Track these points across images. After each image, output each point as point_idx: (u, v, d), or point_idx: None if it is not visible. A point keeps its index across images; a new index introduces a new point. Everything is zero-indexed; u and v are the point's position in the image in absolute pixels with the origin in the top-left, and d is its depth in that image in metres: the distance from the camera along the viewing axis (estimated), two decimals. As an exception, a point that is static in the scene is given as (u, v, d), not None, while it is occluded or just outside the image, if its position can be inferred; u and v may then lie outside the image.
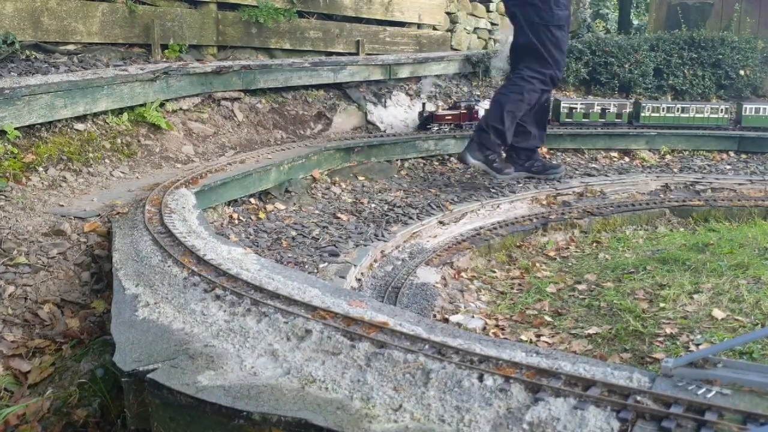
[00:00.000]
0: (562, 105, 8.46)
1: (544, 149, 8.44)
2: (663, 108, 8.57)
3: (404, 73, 9.16)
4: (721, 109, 8.69)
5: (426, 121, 8.03)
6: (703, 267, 4.87)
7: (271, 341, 2.35)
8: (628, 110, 8.54)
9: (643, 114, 8.44)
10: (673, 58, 10.14)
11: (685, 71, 10.17)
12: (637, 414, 1.80)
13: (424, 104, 8.34)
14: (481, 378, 2.02)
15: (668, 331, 3.97)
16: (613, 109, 8.44)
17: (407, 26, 10.11)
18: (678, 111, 8.58)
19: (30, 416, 2.59)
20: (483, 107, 8.12)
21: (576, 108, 8.36)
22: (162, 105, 6.41)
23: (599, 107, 8.45)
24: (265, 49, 8.34)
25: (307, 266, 4.62)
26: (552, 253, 5.96)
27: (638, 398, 1.86)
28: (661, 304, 4.35)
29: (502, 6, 11.61)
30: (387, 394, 1.99)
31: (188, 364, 2.20)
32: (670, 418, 1.77)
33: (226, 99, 7.21)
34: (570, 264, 5.68)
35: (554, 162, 7.16)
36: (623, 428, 1.76)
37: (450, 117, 8.03)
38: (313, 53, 8.72)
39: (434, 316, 4.48)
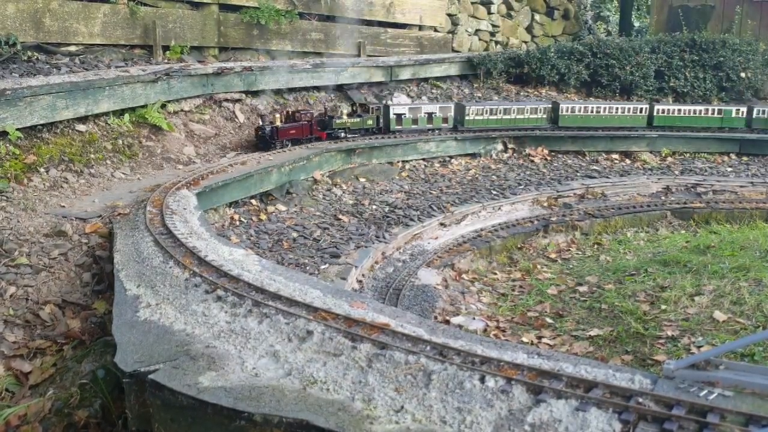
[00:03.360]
0: (391, 112, 7.98)
1: (545, 151, 8.46)
2: (486, 110, 8.51)
3: (405, 74, 9.16)
4: (540, 110, 8.76)
5: (270, 136, 6.61)
6: (704, 269, 4.87)
7: (272, 342, 2.36)
8: (452, 114, 8.38)
9: (467, 117, 8.33)
10: (675, 60, 10.15)
11: (687, 73, 10.17)
12: (639, 416, 1.80)
13: (262, 116, 7.12)
14: (482, 379, 2.02)
15: (669, 333, 3.97)
16: (439, 114, 8.26)
17: (408, 28, 10.11)
18: (501, 113, 8.57)
19: (31, 417, 2.59)
20: (317, 119, 7.28)
21: (404, 114, 8.05)
22: (163, 106, 6.41)
23: (425, 113, 8.21)
24: (266, 51, 8.34)
25: (308, 267, 4.62)
26: (553, 255, 5.96)
27: (640, 400, 1.86)
28: (663, 306, 4.35)
29: (503, 8, 11.72)
30: (388, 396, 1.99)
31: (190, 365, 2.20)
32: (672, 419, 1.77)
33: (227, 100, 7.22)
34: (571, 266, 5.68)
35: None
36: (625, 430, 1.76)
37: (293, 131, 6.91)
38: (314, 55, 8.72)
39: (435, 317, 4.48)
